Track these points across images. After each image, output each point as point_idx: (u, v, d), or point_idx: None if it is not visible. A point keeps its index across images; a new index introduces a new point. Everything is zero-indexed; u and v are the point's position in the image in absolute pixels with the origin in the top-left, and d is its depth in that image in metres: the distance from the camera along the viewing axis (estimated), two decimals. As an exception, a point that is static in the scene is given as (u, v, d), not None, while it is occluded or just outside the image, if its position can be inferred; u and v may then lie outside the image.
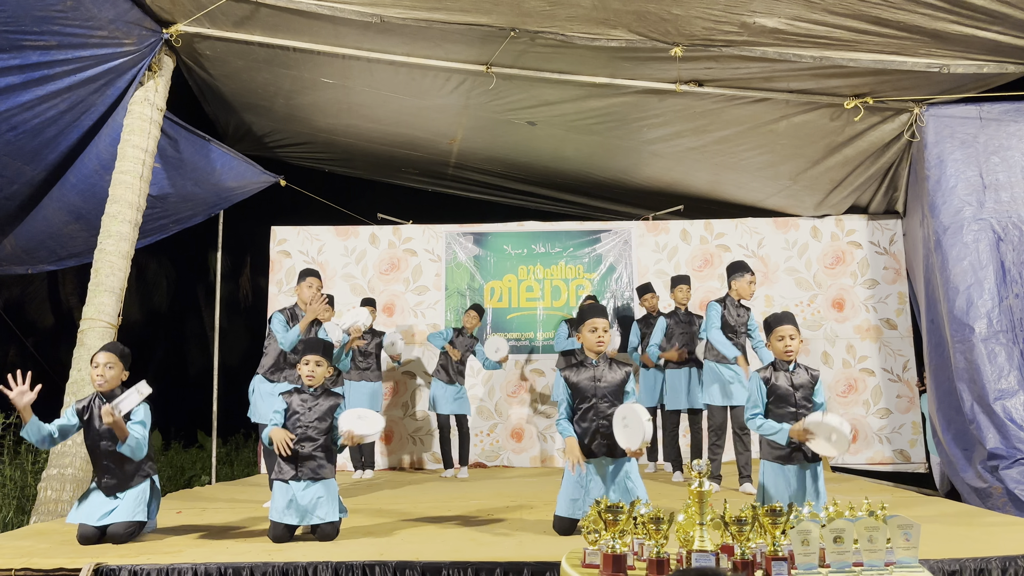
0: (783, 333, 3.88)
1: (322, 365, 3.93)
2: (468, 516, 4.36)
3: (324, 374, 3.95)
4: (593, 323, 3.80)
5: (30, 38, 4.66)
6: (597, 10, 4.85)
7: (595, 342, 3.79)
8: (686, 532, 2.63)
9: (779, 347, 3.90)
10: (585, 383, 3.80)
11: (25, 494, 6.04)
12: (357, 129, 7.16)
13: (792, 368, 3.88)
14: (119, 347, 3.94)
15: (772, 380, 3.87)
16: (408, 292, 7.65)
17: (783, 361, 3.89)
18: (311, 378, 3.90)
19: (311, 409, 3.86)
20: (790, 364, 3.88)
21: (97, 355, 3.85)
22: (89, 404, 3.84)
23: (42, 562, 3.18)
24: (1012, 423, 5.17)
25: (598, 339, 3.79)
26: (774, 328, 3.92)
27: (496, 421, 7.42)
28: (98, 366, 3.81)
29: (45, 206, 6.45)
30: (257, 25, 5.39)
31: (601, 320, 3.80)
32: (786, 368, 3.88)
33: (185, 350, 12.83)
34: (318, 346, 3.99)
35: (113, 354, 3.86)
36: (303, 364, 3.93)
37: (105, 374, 3.80)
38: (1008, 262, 5.53)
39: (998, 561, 3.07)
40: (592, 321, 3.80)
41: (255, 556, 3.27)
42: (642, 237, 7.70)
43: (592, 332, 3.80)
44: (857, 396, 7.25)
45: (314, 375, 3.90)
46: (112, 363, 3.82)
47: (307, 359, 3.92)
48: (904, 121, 6.07)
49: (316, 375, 3.90)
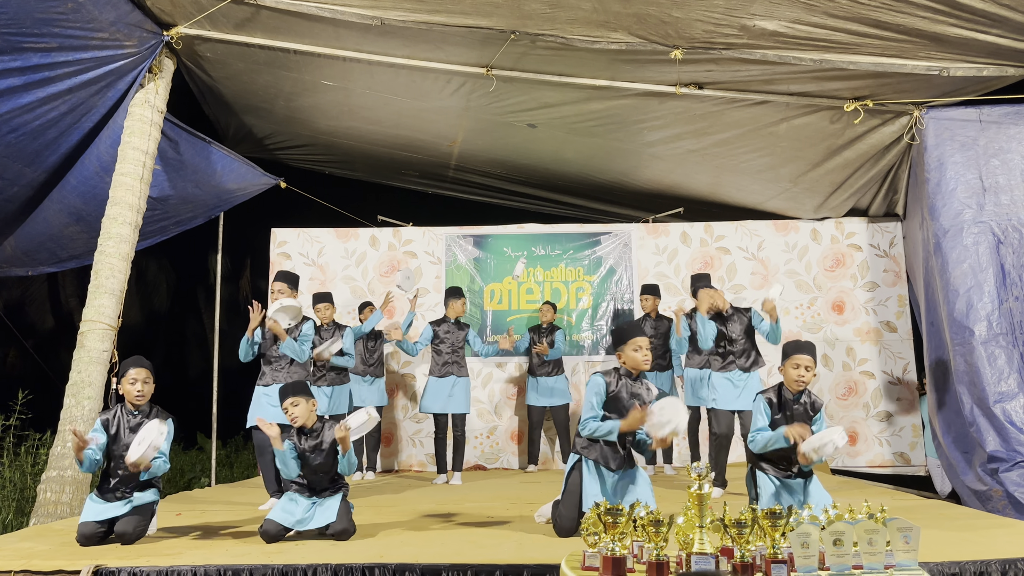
0: (799, 362, 3.82)
1: (299, 405, 3.88)
2: (468, 518, 4.36)
3: (309, 411, 3.91)
4: (636, 342, 3.80)
5: (31, 40, 4.66)
6: (597, 13, 4.86)
7: (641, 360, 3.79)
8: (686, 535, 2.63)
9: (792, 375, 3.84)
10: (624, 396, 3.81)
11: (25, 496, 6.03)
12: (357, 131, 7.16)
13: (797, 397, 3.84)
14: (145, 360, 3.99)
15: (774, 406, 3.84)
16: (408, 294, 7.63)
17: (790, 391, 3.85)
18: (295, 420, 3.88)
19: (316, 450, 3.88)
20: (799, 395, 3.84)
21: (133, 370, 3.87)
22: (116, 416, 3.88)
23: (42, 564, 3.18)
24: (1012, 426, 5.17)
25: (644, 357, 3.79)
26: (791, 355, 3.86)
27: (495, 423, 7.41)
28: (136, 382, 3.85)
29: (45, 208, 6.45)
30: (258, 27, 5.39)
31: (643, 339, 3.81)
32: (791, 398, 3.85)
33: (185, 352, 12.82)
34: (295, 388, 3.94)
35: (147, 370, 3.91)
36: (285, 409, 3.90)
37: (144, 390, 3.87)
38: (1008, 265, 5.53)
39: (998, 564, 3.06)
40: (635, 340, 3.81)
41: (254, 558, 3.27)
42: (642, 240, 7.71)
43: (636, 351, 3.79)
44: (857, 399, 7.24)
45: (297, 417, 3.87)
46: (147, 378, 3.89)
47: (284, 406, 3.90)
48: (904, 124, 6.08)
49: (299, 415, 3.87)
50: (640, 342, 3.80)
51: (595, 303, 7.65)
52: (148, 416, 3.88)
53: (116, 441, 3.84)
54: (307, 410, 3.90)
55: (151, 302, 12.40)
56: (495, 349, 6.54)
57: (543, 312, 6.88)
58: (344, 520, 3.76)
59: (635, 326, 3.91)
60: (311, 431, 3.91)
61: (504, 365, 7.49)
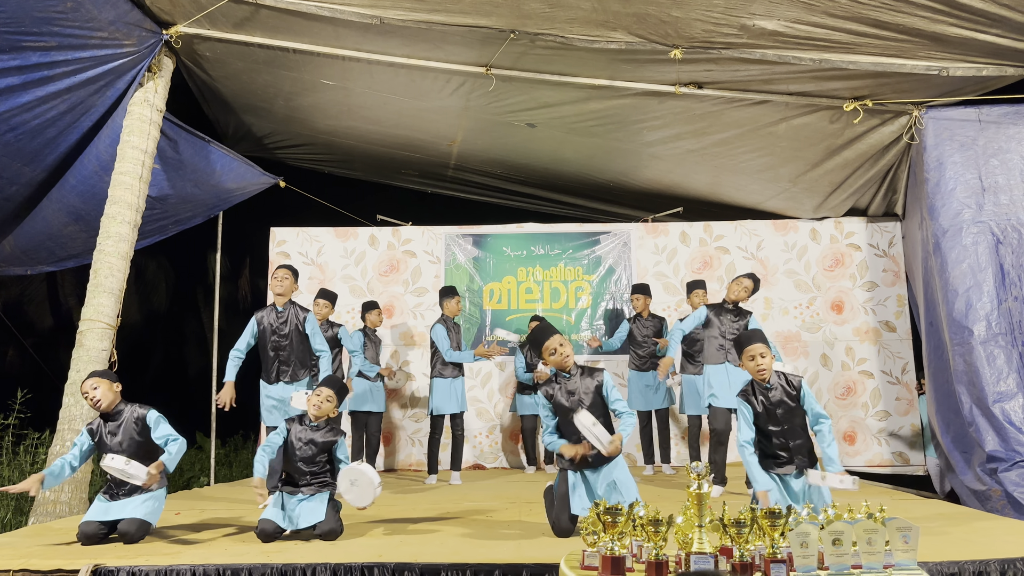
0: (753, 352, 3.74)
1: (332, 401, 3.95)
2: (467, 518, 4.35)
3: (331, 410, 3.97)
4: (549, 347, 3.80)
5: (30, 39, 4.66)
6: (597, 12, 4.86)
7: (563, 359, 3.81)
8: (685, 534, 2.63)
9: (750, 367, 3.76)
10: (562, 399, 3.83)
11: (23, 495, 6.02)
12: (357, 131, 7.16)
13: (768, 386, 3.77)
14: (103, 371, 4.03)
15: (753, 403, 3.77)
16: (407, 294, 7.65)
17: (759, 382, 3.79)
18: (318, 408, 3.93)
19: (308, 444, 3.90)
20: (765, 383, 3.77)
21: (85, 383, 3.87)
22: (98, 424, 3.88)
23: (40, 563, 3.18)
24: (1011, 425, 5.18)
25: (563, 354, 3.80)
26: (743, 348, 3.78)
27: (495, 423, 7.41)
28: (86, 394, 3.84)
29: (44, 207, 6.45)
30: (257, 26, 5.39)
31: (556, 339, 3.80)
32: (763, 388, 3.78)
33: (184, 351, 12.82)
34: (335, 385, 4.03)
35: (97, 377, 3.89)
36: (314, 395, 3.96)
37: (96, 396, 3.82)
38: (1007, 265, 5.54)
39: (997, 564, 3.06)
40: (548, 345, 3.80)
41: (253, 557, 3.27)
42: (641, 239, 7.71)
43: (553, 355, 3.81)
44: (856, 398, 7.25)
45: (321, 407, 3.92)
46: (99, 385, 3.85)
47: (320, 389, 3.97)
48: (903, 124, 6.08)
49: (325, 410, 3.93)
50: (552, 344, 3.80)
51: (594, 302, 7.65)
52: (120, 420, 3.86)
53: (101, 447, 3.85)
54: (331, 409, 3.95)
55: (150, 301, 12.40)
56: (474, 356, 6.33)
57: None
58: (331, 520, 3.76)
59: (544, 330, 3.88)
60: (314, 425, 3.92)
61: (504, 365, 7.50)
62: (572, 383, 3.83)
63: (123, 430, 3.83)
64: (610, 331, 7.53)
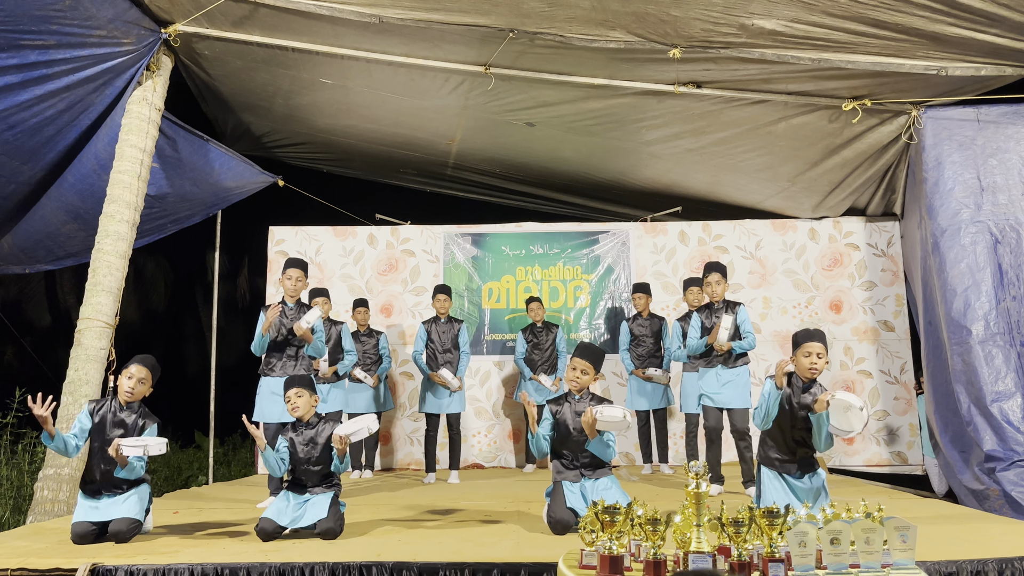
0: (811, 350, 3.75)
1: (303, 397, 3.93)
2: (466, 517, 4.36)
3: (311, 405, 3.95)
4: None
5: (28, 37, 4.65)
6: (596, 11, 4.85)
7: (807, 367, 3.76)
8: (683, 533, 2.63)
9: (804, 363, 3.77)
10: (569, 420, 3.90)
11: (22, 494, 6.02)
12: (355, 129, 7.16)
13: (808, 387, 3.80)
14: (152, 360, 3.97)
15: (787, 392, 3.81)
16: (406, 293, 7.65)
17: (801, 380, 3.81)
18: (296, 410, 3.92)
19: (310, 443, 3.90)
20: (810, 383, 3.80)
21: (134, 366, 3.87)
22: (104, 406, 3.86)
23: (38, 562, 3.18)
24: (1009, 425, 5.18)
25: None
26: (802, 343, 3.79)
27: (494, 422, 7.41)
28: (131, 378, 3.83)
29: (43, 206, 6.44)
30: (256, 25, 5.39)
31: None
32: (801, 388, 3.80)
33: (183, 350, 12.80)
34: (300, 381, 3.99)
35: (147, 370, 3.90)
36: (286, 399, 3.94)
37: (135, 390, 3.84)
38: (1005, 264, 5.54)
39: (995, 563, 3.07)
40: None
41: (252, 556, 3.27)
42: (640, 238, 7.71)
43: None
44: (855, 398, 7.24)
45: (298, 407, 3.91)
46: (145, 379, 3.87)
47: (288, 395, 3.94)
48: (902, 123, 6.08)
49: (301, 407, 3.91)
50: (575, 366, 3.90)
51: (593, 302, 7.65)
52: (136, 413, 3.87)
53: (100, 431, 3.81)
54: (308, 404, 3.94)
55: (149, 300, 12.39)
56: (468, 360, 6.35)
57: (533, 311, 6.71)
58: (332, 519, 3.75)
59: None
60: (307, 424, 3.93)
61: (503, 364, 7.50)
62: (581, 405, 3.89)
63: (127, 427, 3.84)
64: (609, 331, 7.53)
